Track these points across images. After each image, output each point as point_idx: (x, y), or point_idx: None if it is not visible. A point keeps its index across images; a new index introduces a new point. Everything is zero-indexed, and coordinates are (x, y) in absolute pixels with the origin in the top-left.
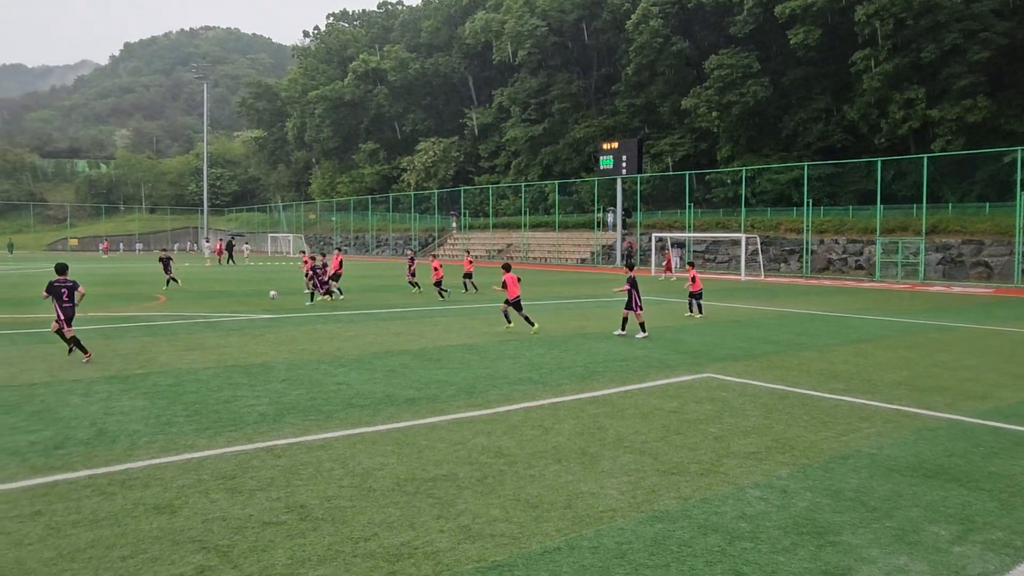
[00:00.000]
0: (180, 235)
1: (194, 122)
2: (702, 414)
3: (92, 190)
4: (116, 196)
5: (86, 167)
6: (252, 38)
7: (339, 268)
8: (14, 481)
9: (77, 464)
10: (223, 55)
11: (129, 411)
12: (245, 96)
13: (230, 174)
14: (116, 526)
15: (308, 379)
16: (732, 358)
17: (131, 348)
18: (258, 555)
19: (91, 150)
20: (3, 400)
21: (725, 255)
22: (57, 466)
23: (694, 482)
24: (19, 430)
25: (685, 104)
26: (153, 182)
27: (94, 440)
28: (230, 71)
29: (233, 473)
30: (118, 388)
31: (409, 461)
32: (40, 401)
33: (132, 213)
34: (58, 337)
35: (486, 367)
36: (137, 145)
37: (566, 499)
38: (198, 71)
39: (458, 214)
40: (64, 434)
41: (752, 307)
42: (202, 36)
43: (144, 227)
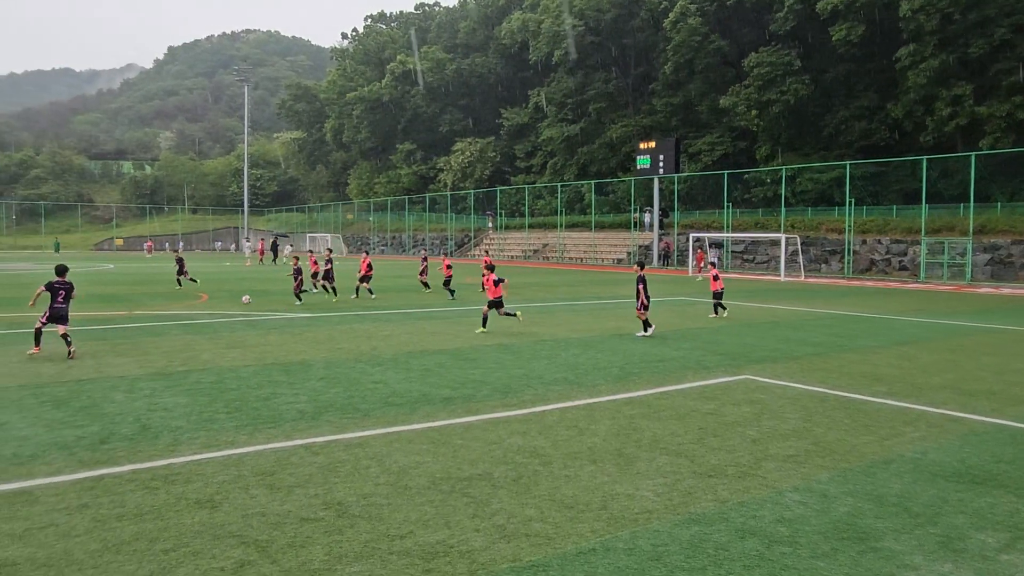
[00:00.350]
0: (222, 235)
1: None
2: (740, 416)
3: (137, 191)
4: (160, 197)
5: (131, 168)
6: (292, 41)
7: (368, 270)
8: (62, 474)
9: (122, 459)
10: (263, 58)
11: (172, 407)
12: (285, 98)
13: (270, 175)
14: (159, 520)
15: (345, 377)
16: (771, 360)
17: (174, 345)
18: (296, 551)
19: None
20: (52, 395)
21: (764, 255)
22: (103, 460)
23: (731, 485)
24: (67, 425)
25: (724, 103)
26: (195, 183)
27: (138, 436)
28: (270, 73)
29: (272, 469)
30: (161, 385)
31: (444, 460)
32: (87, 397)
33: (175, 213)
34: (38, 335)
35: (521, 367)
36: (180, 147)
37: (601, 500)
38: (239, 74)
39: (494, 214)
40: (109, 429)
41: (792, 308)
42: (243, 39)
43: (187, 227)
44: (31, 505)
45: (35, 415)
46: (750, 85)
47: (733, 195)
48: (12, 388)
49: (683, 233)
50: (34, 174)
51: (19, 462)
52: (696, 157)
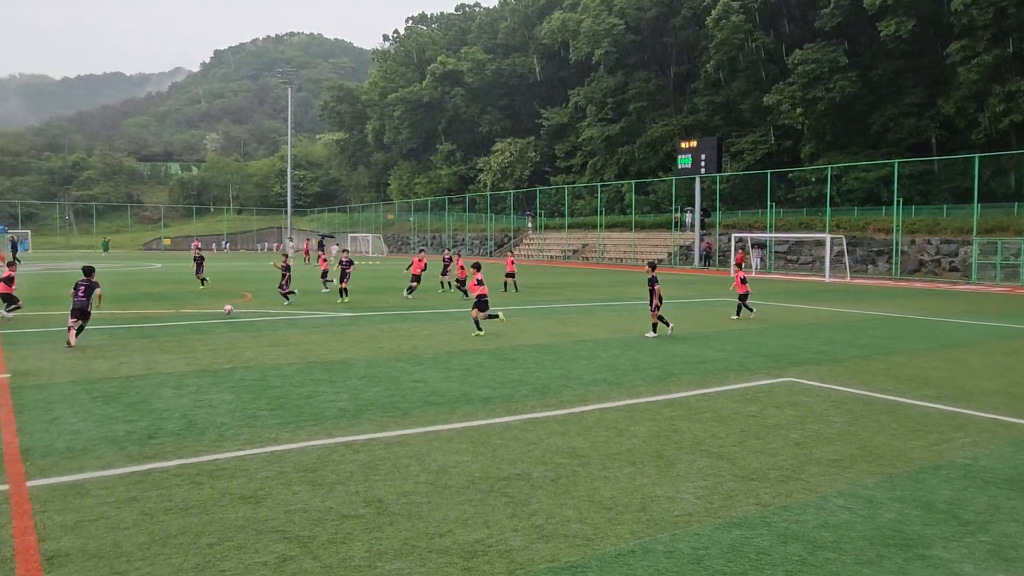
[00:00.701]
0: (266, 235)
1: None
2: (783, 419)
3: (184, 192)
4: (206, 197)
5: (178, 170)
6: (334, 43)
7: (423, 269)
8: (112, 468)
9: (169, 454)
10: (307, 60)
11: (217, 404)
12: (327, 99)
13: (312, 175)
14: (204, 514)
15: (386, 376)
16: (815, 362)
17: (219, 343)
18: (337, 547)
19: (183, 153)
20: (104, 391)
21: (809, 256)
22: (150, 455)
23: (774, 489)
24: (117, 420)
25: (767, 101)
26: (240, 184)
27: (184, 431)
28: (313, 75)
29: (314, 466)
30: (207, 382)
31: (483, 459)
32: (136, 393)
33: (221, 214)
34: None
35: (560, 367)
36: (225, 148)
37: (641, 502)
38: (283, 76)
39: (534, 214)
40: (157, 425)
41: (836, 309)
42: (287, 42)
43: (232, 227)
44: (82, 498)
45: (86, 410)
46: (795, 83)
47: (777, 195)
48: (65, 384)
49: (725, 233)
50: (86, 176)
51: (71, 456)
52: (739, 156)
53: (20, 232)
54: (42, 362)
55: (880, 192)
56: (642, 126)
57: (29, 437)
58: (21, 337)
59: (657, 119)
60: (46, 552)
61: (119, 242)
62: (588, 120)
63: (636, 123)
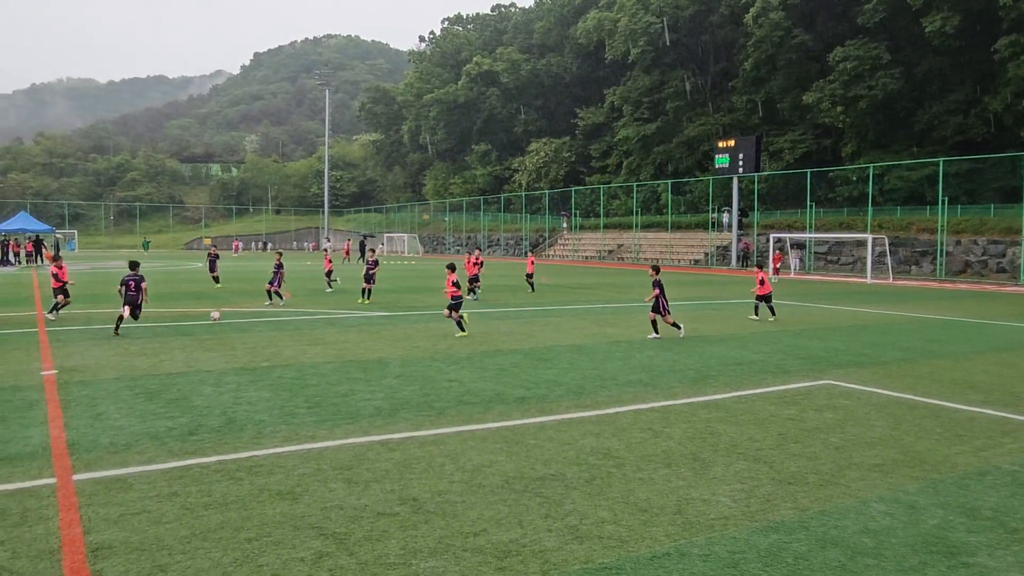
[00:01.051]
0: (303, 235)
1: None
2: (822, 422)
3: (224, 192)
4: (245, 198)
5: (219, 171)
6: (371, 45)
7: (479, 269)
8: (154, 464)
9: (209, 450)
10: (344, 62)
11: (256, 401)
12: (364, 101)
13: (349, 176)
14: (243, 509)
15: (421, 376)
16: (856, 364)
17: (259, 342)
18: (372, 544)
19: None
20: (146, 387)
21: (849, 256)
22: (191, 451)
23: (813, 493)
24: (159, 416)
25: (807, 99)
26: (279, 184)
27: (224, 428)
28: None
29: (350, 464)
30: (246, 379)
31: (518, 459)
32: (177, 390)
33: (260, 214)
34: (119, 321)
35: (595, 368)
36: (265, 149)
37: (676, 504)
38: (320, 78)
39: (569, 214)
40: (197, 421)
41: (879, 311)
42: (324, 44)
43: (270, 227)
44: (126, 492)
45: (130, 406)
46: (835, 80)
47: (816, 194)
48: (109, 380)
49: (763, 233)
50: (130, 177)
51: (115, 451)
52: (777, 155)
53: (67, 232)
54: (87, 359)
55: (924, 191)
56: (679, 125)
57: (75, 432)
58: (67, 334)
59: (694, 118)
60: (91, 544)
61: (161, 242)
62: (624, 120)
63: (672, 122)
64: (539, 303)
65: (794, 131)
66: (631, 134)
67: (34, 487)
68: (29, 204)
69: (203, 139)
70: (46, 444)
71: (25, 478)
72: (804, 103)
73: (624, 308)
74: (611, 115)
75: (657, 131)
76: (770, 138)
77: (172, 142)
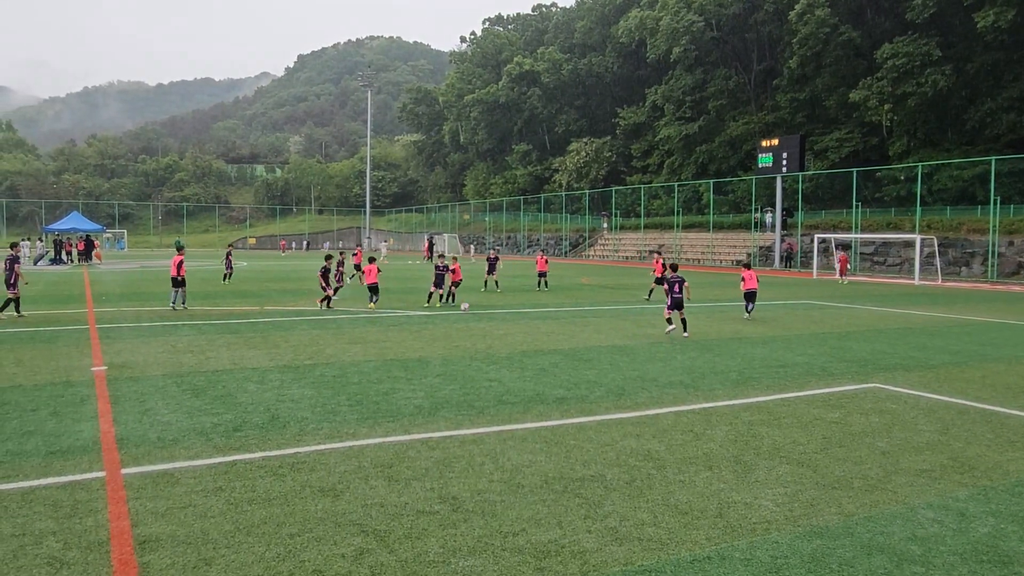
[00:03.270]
0: (345, 234)
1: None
2: (868, 426)
3: (268, 193)
4: (289, 198)
5: (263, 172)
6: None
7: (546, 265)
8: (200, 459)
9: (253, 446)
10: (386, 63)
11: (299, 399)
12: (406, 101)
13: (391, 176)
14: (286, 505)
15: (461, 375)
16: (903, 368)
17: (301, 340)
18: (412, 542)
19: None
20: (193, 384)
21: (897, 257)
22: (236, 447)
23: (858, 498)
24: (205, 412)
25: (853, 97)
26: (322, 185)
27: (268, 425)
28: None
29: (391, 462)
30: (290, 377)
31: (557, 460)
32: (222, 387)
33: (303, 214)
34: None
35: (636, 369)
36: (308, 150)
37: (717, 507)
38: (363, 79)
39: (609, 214)
40: (242, 418)
41: (927, 313)
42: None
43: (313, 227)
44: (173, 486)
45: (177, 402)
46: (883, 77)
47: (863, 194)
48: (158, 377)
49: (807, 234)
50: (178, 177)
51: (162, 446)
52: (822, 154)
53: (117, 231)
54: (136, 356)
55: (975, 191)
56: (721, 124)
57: (124, 427)
58: (117, 332)
59: (737, 117)
60: (139, 537)
61: (207, 241)
62: (665, 119)
63: (715, 121)
64: (579, 303)
65: (840, 129)
66: (673, 133)
67: (85, 480)
68: (81, 204)
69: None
70: (96, 439)
71: (76, 471)
72: (850, 101)
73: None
74: (652, 114)
75: (699, 130)
76: (815, 137)
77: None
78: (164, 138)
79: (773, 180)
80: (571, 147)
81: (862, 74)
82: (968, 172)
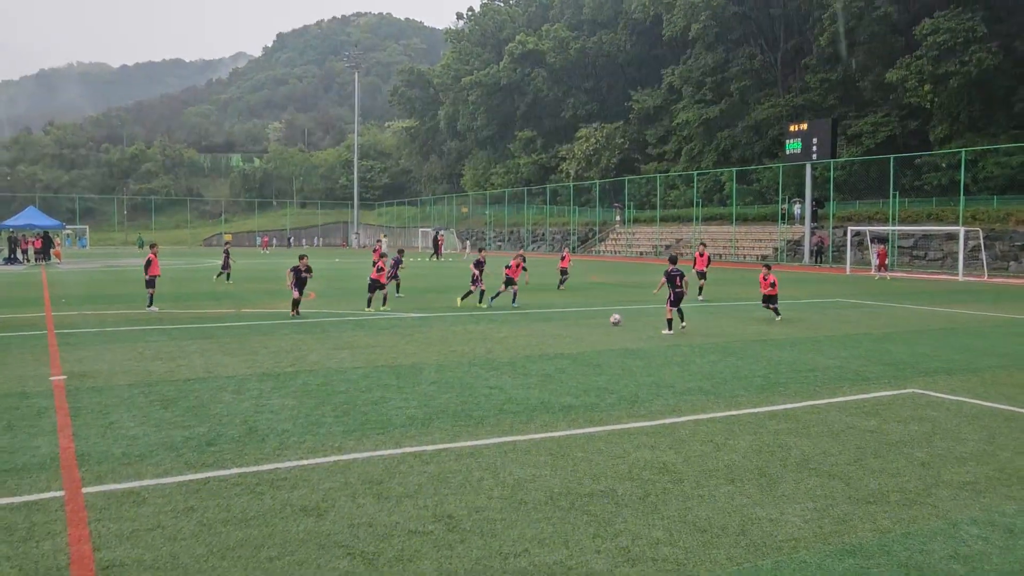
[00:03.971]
0: (330, 230)
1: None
2: (906, 435)
3: (245, 185)
4: (268, 190)
5: (240, 162)
6: (405, 23)
7: (567, 264)
8: (169, 476)
9: (228, 462)
10: (375, 42)
11: (279, 410)
12: (397, 84)
13: (381, 166)
14: (265, 526)
15: (459, 382)
16: (945, 371)
17: (282, 345)
18: (404, 565)
19: (245, 144)
20: (162, 394)
21: (938, 251)
22: (209, 463)
23: (895, 513)
24: (175, 425)
25: (890, 77)
26: (304, 176)
27: (245, 438)
28: (382, 59)
29: (380, 478)
30: (269, 386)
31: (564, 474)
32: (195, 397)
33: (284, 208)
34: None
35: (651, 374)
36: (289, 138)
37: (740, 524)
38: (349, 60)
39: (622, 206)
40: (216, 431)
41: (972, 312)
42: (354, 23)
43: (295, 222)
44: (139, 506)
45: (144, 414)
46: (923, 56)
47: (901, 183)
48: (124, 386)
49: (840, 226)
50: (145, 168)
51: (128, 462)
52: (856, 140)
53: (78, 228)
54: (99, 363)
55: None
56: (745, 108)
57: (85, 442)
58: (78, 337)
59: (762, 100)
60: (101, 562)
61: (178, 238)
62: (684, 102)
63: (738, 104)
64: (589, 303)
65: (876, 113)
66: (692, 118)
67: (41, 500)
68: (38, 198)
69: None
70: (55, 455)
71: (32, 491)
72: (887, 81)
73: (683, 309)
74: (669, 97)
75: (721, 114)
76: (848, 121)
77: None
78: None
79: (802, 168)
80: (580, 133)
81: (900, 52)
82: (1016, 159)
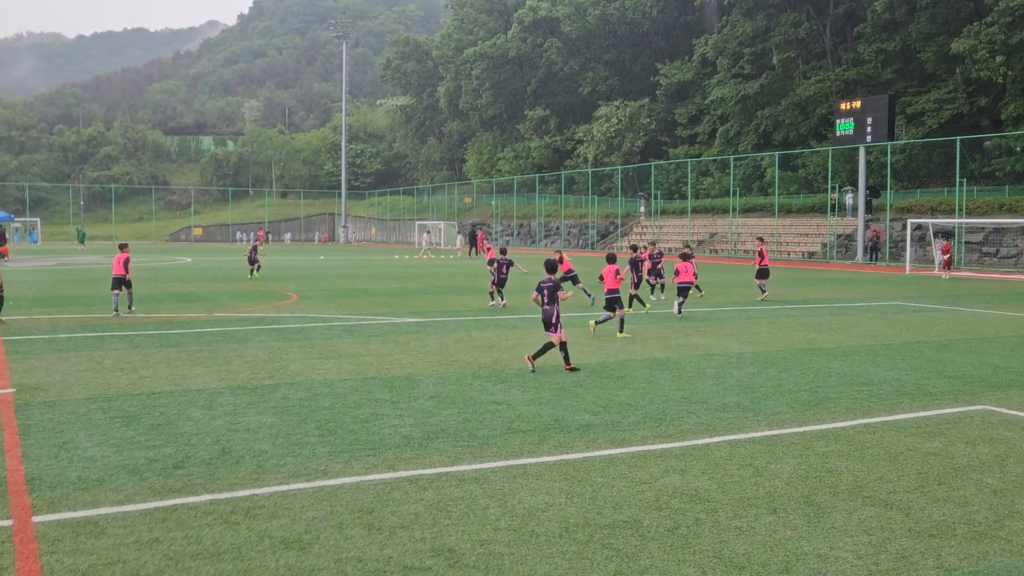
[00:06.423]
0: (315, 223)
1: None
2: (975, 459)
3: (218, 171)
4: (244, 178)
5: (211, 145)
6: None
7: (571, 267)
8: (132, 503)
9: (198, 487)
10: (366, 8)
11: (256, 428)
12: (390, 56)
13: (372, 150)
14: (239, 561)
15: (461, 397)
16: (1019, 386)
17: (260, 354)
18: None
19: (218, 125)
20: (122, 410)
21: (1012, 247)
22: (177, 488)
23: (963, 548)
24: (139, 445)
25: (956, 47)
26: (285, 161)
27: (217, 460)
28: (373, 28)
29: (371, 506)
30: (244, 401)
31: (581, 502)
32: (160, 413)
33: (262, 198)
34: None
35: (681, 388)
36: (268, 118)
37: (783, 560)
38: (336, 29)
39: (648, 196)
40: (185, 452)
41: None
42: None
43: (275, 213)
44: (97, 537)
45: (103, 433)
46: (994, 23)
47: (968, 168)
48: (80, 401)
49: (898, 218)
50: (104, 152)
51: (84, 487)
52: (917, 119)
53: (28, 221)
54: (52, 375)
55: None
56: (789, 83)
57: (36, 464)
58: (28, 345)
59: (809, 74)
60: None
61: (142, 232)
62: (719, 76)
63: (781, 79)
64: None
65: (939, 88)
66: (728, 94)
67: None
68: None
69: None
70: (1, 479)
71: None
72: (952, 52)
73: (718, 313)
74: (702, 71)
75: (761, 90)
76: (907, 98)
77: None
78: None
79: (855, 152)
80: (599, 112)
81: (967, 19)
82: None
